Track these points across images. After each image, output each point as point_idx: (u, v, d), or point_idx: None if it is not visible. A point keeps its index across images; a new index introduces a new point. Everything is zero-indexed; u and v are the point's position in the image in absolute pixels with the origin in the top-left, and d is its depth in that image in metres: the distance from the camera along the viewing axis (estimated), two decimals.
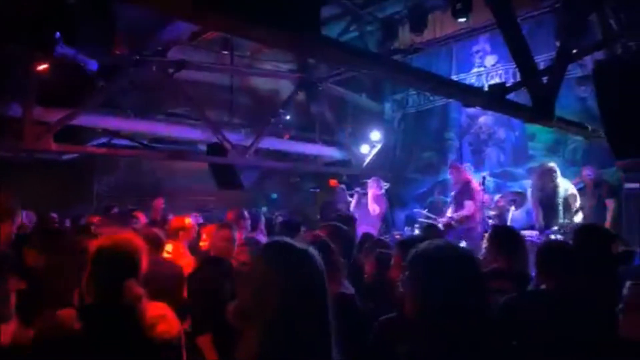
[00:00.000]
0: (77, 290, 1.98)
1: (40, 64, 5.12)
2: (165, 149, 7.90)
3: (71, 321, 1.54)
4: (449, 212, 6.40)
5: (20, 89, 5.53)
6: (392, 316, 1.82)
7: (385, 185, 7.31)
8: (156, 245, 3.17)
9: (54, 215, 6.12)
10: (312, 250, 1.26)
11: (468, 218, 6.10)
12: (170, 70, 6.59)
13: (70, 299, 2.14)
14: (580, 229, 3.07)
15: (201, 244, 3.40)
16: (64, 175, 8.27)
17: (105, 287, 1.64)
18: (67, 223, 6.10)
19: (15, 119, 5.59)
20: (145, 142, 7.80)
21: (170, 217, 5.07)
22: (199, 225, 4.81)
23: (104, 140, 7.55)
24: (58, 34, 4.09)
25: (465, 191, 6.26)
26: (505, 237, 2.90)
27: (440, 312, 1.23)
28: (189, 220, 4.05)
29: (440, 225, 5.89)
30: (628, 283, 1.44)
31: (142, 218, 5.66)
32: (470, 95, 4.27)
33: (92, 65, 4.74)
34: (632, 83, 3.81)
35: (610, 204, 5.69)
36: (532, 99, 4.16)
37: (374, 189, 6.99)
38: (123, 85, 6.55)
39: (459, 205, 6.27)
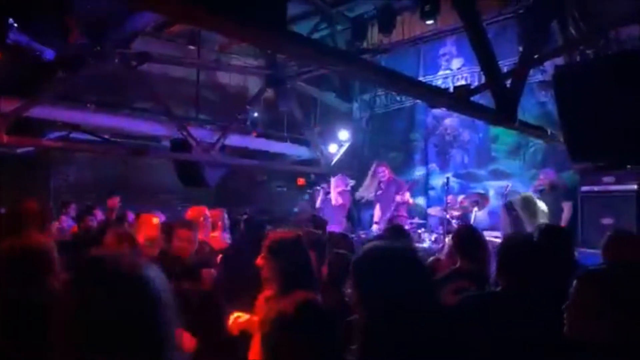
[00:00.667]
0: None
1: None
2: (127, 144, 7.66)
3: None
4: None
5: None
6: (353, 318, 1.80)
7: (351, 183, 7.35)
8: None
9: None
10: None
11: None
12: (134, 63, 6.39)
13: None
14: (544, 229, 3.12)
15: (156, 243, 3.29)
16: (18, 170, 7.89)
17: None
18: None
19: None
20: (106, 137, 7.55)
21: (130, 216, 4.91)
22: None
23: (62, 134, 7.25)
24: (11, 20, 3.90)
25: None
26: (466, 238, 2.90)
27: (385, 314, 1.20)
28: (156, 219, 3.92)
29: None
30: (575, 282, 1.46)
31: (99, 215, 5.46)
32: (436, 96, 4.32)
33: (49, 54, 4.54)
34: (589, 89, 3.94)
35: (567, 206, 5.88)
36: (495, 102, 4.24)
37: (339, 186, 7.03)
38: (83, 77, 6.30)
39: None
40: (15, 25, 4.10)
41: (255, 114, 8.98)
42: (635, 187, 5.04)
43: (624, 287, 1.38)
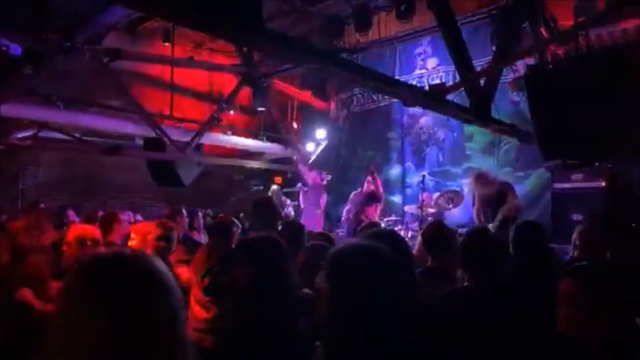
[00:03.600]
0: None
1: None
2: (98, 142, 7.47)
3: None
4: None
5: None
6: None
7: (327, 177, 7.37)
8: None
9: None
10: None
11: None
12: (105, 60, 6.22)
13: None
14: (520, 225, 3.17)
15: (130, 243, 3.23)
16: None
17: None
18: None
19: None
20: (77, 136, 7.34)
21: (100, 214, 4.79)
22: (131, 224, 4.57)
23: (30, 132, 7.01)
24: None
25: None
26: (436, 235, 2.76)
27: (357, 312, 1.18)
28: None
29: None
30: (564, 278, 1.50)
31: (72, 215, 5.32)
32: (412, 94, 4.35)
33: (15, 49, 4.38)
34: (559, 88, 4.03)
35: None
36: (470, 101, 4.31)
37: (315, 179, 7.07)
38: (53, 73, 6.11)
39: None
40: None
41: (231, 112, 8.89)
42: (603, 184, 5.20)
43: (611, 281, 1.42)
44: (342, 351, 1.19)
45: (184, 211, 4.22)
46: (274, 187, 8.31)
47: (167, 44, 7.97)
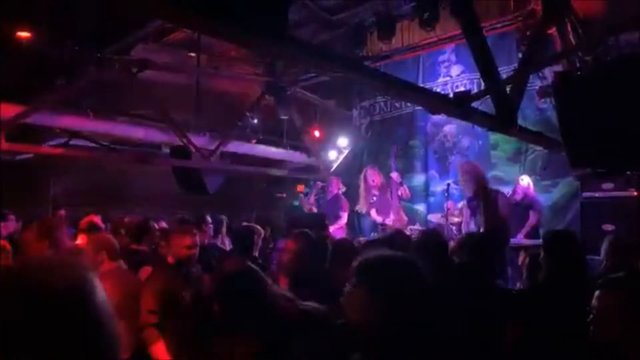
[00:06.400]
0: None
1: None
2: (127, 151, 7.65)
3: None
4: None
5: None
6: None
7: (342, 189, 7.37)
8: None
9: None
10: None
11: None
12: (134, 70, 6.40)
13: None
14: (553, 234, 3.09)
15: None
16: (17, 177, 7.86)
17: None
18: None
19: None
20: (105, 144, 7.53)
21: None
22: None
23: (61, 140, 7.23)
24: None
25: None
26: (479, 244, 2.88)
27: (392, 323, 1.20)
28: None
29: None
30: (597, 292, 1.47)
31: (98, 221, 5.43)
32: (437, 102, 4.33)
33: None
34: (588, 95, 3.95)
35: (533, 215, 6.01)
36: (495, 108, 4.25)
37: (332, 188, 7.09)
38: (84, 83, 6.31)
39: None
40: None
41: (255, 121, 8.98)
42: (635, 193, 5.05)
43: None
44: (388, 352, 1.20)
45: (208, 218, 4.27)
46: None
47: (192, 53, 8.13)
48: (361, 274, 1.27)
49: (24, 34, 4.37)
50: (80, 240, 3.58)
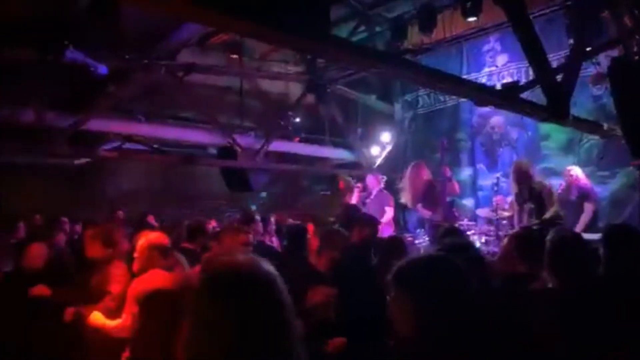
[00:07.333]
0: None
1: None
2: (176, 152, 7.92)
3: None
4: None
5: (32, 94, 5.57)
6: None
7: (383, 179, 7.28)
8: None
9: (65, 219, 6.16)
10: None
11: None
12: (180, 74, 6.60)
13: None
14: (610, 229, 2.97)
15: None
16: (76, 180, 8.32)
17: None
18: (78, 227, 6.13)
19: (29, 124, 5.64)
20: (156, 147, 7.83)
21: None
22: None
23: (115, 144, 7.58)
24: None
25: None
26: (527, 241, 2.80)
27: (444, 332, 1.16)
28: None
29: None
30: None
31: (152, 221, 5.67)
32: (483, 94, 4.20)
33: (102, 69, 4.77)
34: None
35: (588, 207, 5.67)
36: (546, 98, 4.08)
37: (374, 187, 7.01)
38: (133, 89, 6.58)
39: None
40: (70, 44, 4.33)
41: (297, 120, 9.05)
42: None
43: None
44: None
45: (257, 217, 4.35)
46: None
47: (234, 55, 8.30)
48: (399, 281, 1.25)
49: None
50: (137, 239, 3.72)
